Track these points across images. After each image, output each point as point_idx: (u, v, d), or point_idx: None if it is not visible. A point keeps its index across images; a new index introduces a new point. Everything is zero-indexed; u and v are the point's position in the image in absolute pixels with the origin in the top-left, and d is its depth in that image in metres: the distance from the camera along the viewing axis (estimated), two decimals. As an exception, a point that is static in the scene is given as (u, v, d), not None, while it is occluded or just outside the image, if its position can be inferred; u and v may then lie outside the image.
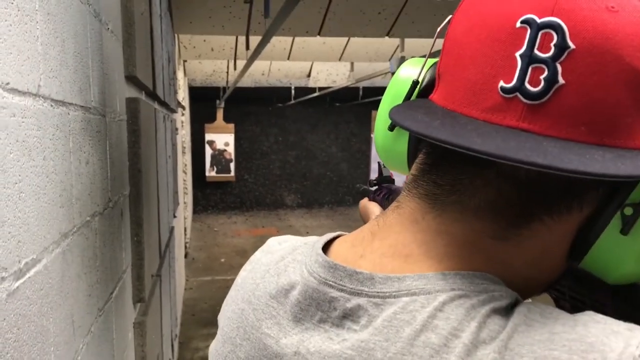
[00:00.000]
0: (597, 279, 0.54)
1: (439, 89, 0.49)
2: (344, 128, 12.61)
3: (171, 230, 3.28)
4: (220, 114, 11.23)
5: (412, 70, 0.58)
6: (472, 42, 0.45)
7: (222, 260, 7.66)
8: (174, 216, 3.61)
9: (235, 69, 6.68)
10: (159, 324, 2.38)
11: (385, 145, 0.62)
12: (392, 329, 0.43)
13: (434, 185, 0.48)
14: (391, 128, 0.51)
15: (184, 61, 7.67)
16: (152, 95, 2.49)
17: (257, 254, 0.62)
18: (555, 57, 0.41)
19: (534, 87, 0.41)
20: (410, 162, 0.58)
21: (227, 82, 9.12)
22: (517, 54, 0.42)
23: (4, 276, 0.66)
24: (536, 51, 0.41)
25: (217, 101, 10.79)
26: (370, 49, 6.67)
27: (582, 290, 0.59)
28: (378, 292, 0.46)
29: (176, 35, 5.34)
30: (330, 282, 0.49)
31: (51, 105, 0.89)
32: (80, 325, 1.05)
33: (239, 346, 0.54)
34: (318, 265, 0.51)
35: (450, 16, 0.49)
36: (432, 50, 0.55)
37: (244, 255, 7.85)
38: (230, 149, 11.37)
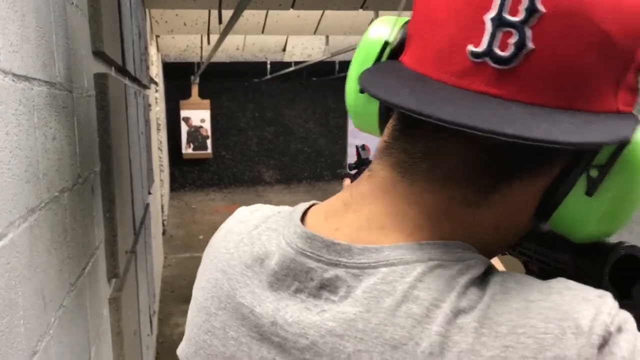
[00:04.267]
0: (558, 240, 0.55)
1: (409, 51, 0.49)
2: (321, 103, 12.57)
3: (146, 207, 3.27)
4: (195, 90, 11.09)
5: (383, 30, 0.56)
6: (441, 3, 0.44)
7: (201, 237, 7.66)
8: (149, 193, 3.60)
9: (209, 43, 6.60)
10: (135, 299, 2.39)
11: (357, 108, 0.60)
12: (372, 299, 0.44)
13: (405, 154, 0.48)
14: (362, 90, 0.50)
15: (157, 36, 7.55)
16: (122, 70, 2.47)
17: (229, 222, 0.62)
18: (524, 21, 0.40)
19: (503, 51, 0.41)
20: (381, 125, 0.58)
21: (201, 57, 9.01)
22: (486, 18, 0.41)
23: (-33, 249, 0.67)
24: (506, 15, 0.40)
25: (192, 77, 10.65)
26: (345, 23, 6.63)
27: (545, 252, 0.61)
28: (356, 263, 0.46)
29: (147, 9, 5.25)
30: (308, 253, 0.49)
31: (13, 80, 0.89)
32: (52, 299, 1.06)
33: (213, 315, 0.54)
34: (296, 236, 0.50)
35: None
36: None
37: (223, 231, 7.86)
38: (207, 126, 11.27)
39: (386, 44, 0.53)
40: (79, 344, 1.29)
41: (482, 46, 0.41)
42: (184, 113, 11.04)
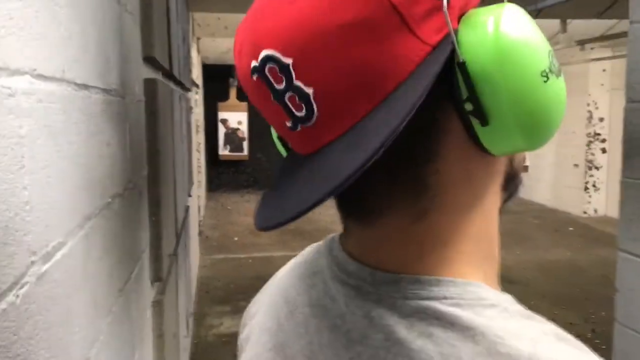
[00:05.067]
0: None
1: None
2: (357, 107, 12.51)
3: (186, 209, 3.30)
4: (233, 92, 11.19)
5: None
6: (253, 102, 0.48)
7: (236, 238, 7.70)
8: (189, 195, 3.64)
9: (249, 47, 6.65)
10: (175, 302, 2.41)
11: None
12: (389, 329, 0.45)
13: (348, 204, 0.50)
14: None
15: (198, 39, 7.65)
16: (169, 75, 2.49)
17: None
18: (289, 80, 0.42)
19: (300, 111, 0.42)
20: None
21: (240, 60, 9.06)
22: (272, 100, 0.43)
23: (33, 260, 0.67)
24: (276, 86, 0.42)
25: (231, 79, 10.75)
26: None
27: None
28: (376, 291, 0.47)
29: (190, 13, 5.31)
30: (348, 280, 0.50)
31: (74, 90, 0.90)
32: (102, 305, 1.07)
33: (274, 335, 0.57)
34: (338, 269, 0.52)
35: None
36: None
37: (257, 234, 7.89)
38: (244, 128, 11.36)
39: (279, 138, 0.54)
40: (125, 348, 1.30)
41: (290, 120, 0.44)
42: (221, 115, 11.14)
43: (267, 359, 0.55)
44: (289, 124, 0.44)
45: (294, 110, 0.43)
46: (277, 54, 0.41)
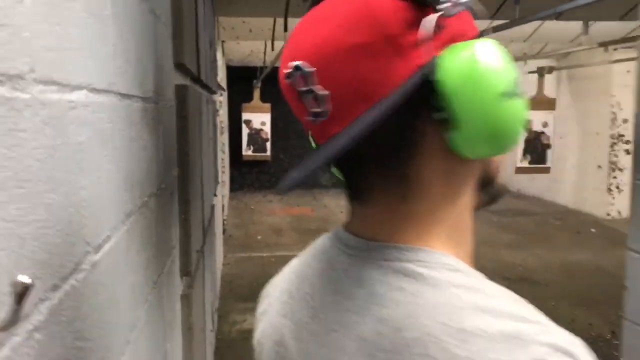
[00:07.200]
0: None
1: None
2: (379, 108, 12.51)
3: (212, 208, 3.41)
4: (257, 93, 11.31)
5: None
6: (286, 99, 0.61)
7: (259, 237, 7.83)
8: (215, 195, 3.75)
9: (272, 49, 6.76)
10: (202, 297, 2.51)
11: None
12: (371, 285, 0.57)
13: (349, 190, 0.64)
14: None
15: (222, 42, 7.78)
16: (197, 79, 2.60)
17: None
18: (308, 84, 0.55)
19: (317, 109, 0.56)
20: None
21: (264, 62, 9.21)
22: (298, 98, 0.57)
23: (88, 250, 0.77)
24: (299, 88, 0.56)
25: (254, 81, 10.88)
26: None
27: None
28: (367, 256, 0.60)
29: (216, 17, 5.43)
30: (344, 248, 0.63)
31: (119, 100, 1.00)
32: (140, 295, 1.17)
33: (285, 303, 0.69)
34: (338, 238, 0.66)
35: None
36: None
37: (280, 233, 8.01)
38: (267, 129, 11.47)
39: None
40: (158, 337, 1.40)
41: (309, 114, 0.56)
42: (245, 116, 11.27)
43: (278, 323, 0.68)
44: (309, 118, 0.57)
45: (312, 108, 0.56)
46: (304, 64, 0.55)
